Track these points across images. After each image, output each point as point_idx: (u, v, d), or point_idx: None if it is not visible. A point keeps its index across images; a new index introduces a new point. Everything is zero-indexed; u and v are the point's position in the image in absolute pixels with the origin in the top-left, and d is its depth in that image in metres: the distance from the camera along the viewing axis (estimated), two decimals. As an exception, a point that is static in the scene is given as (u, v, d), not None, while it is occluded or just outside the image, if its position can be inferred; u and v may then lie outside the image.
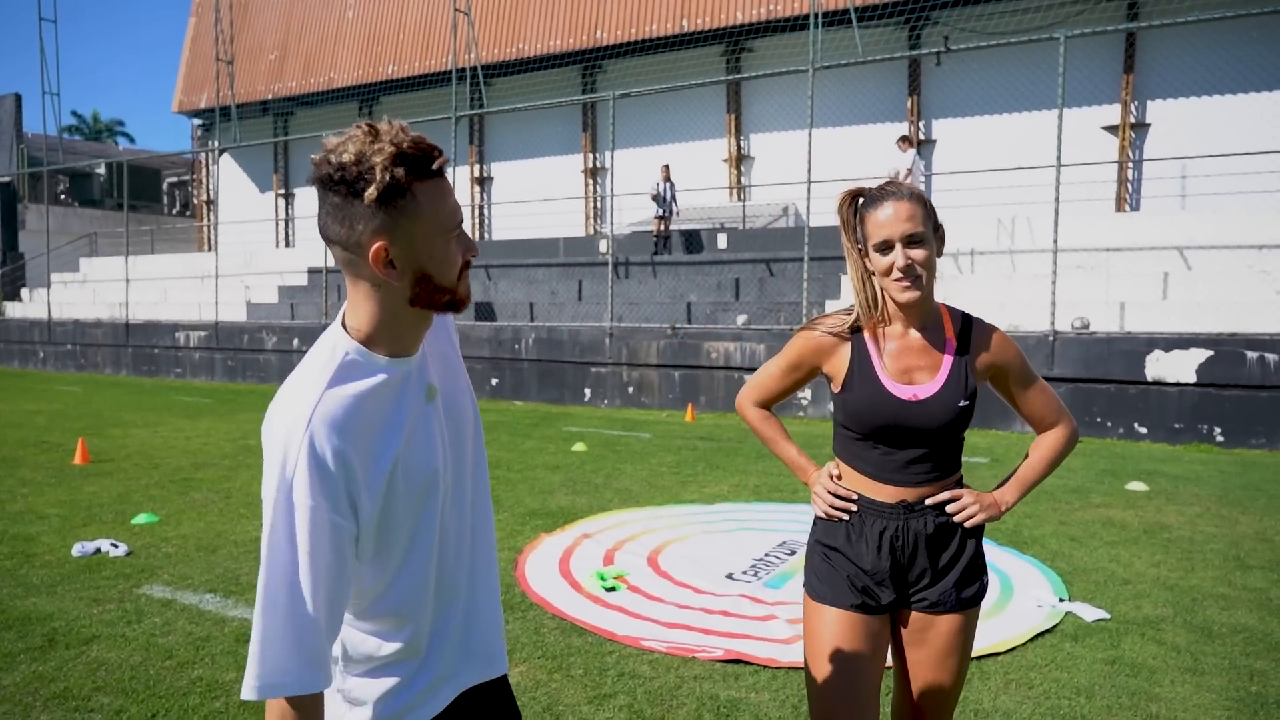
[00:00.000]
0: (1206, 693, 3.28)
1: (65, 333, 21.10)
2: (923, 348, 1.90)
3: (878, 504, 1.93)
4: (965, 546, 1.95)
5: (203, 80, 24.09)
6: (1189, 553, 5.18)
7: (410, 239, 1.24)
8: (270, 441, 1.23)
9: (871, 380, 1.90)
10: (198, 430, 10.28)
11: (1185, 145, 13.71)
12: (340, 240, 1.25)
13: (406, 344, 1.32)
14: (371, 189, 1.19)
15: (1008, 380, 1.96)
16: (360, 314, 1.30)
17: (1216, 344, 9.53)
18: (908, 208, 1.82)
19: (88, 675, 3.38)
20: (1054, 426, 2.01)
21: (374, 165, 1.19)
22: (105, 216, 28.44)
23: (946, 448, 1.93)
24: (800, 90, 14.17)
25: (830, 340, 1.96)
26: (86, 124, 49.43)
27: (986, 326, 1.95)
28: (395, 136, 1.22)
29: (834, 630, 1.94)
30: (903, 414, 1.88)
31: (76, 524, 5.74)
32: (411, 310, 1.29)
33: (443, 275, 1.28)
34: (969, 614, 1.96)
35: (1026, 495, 2.01)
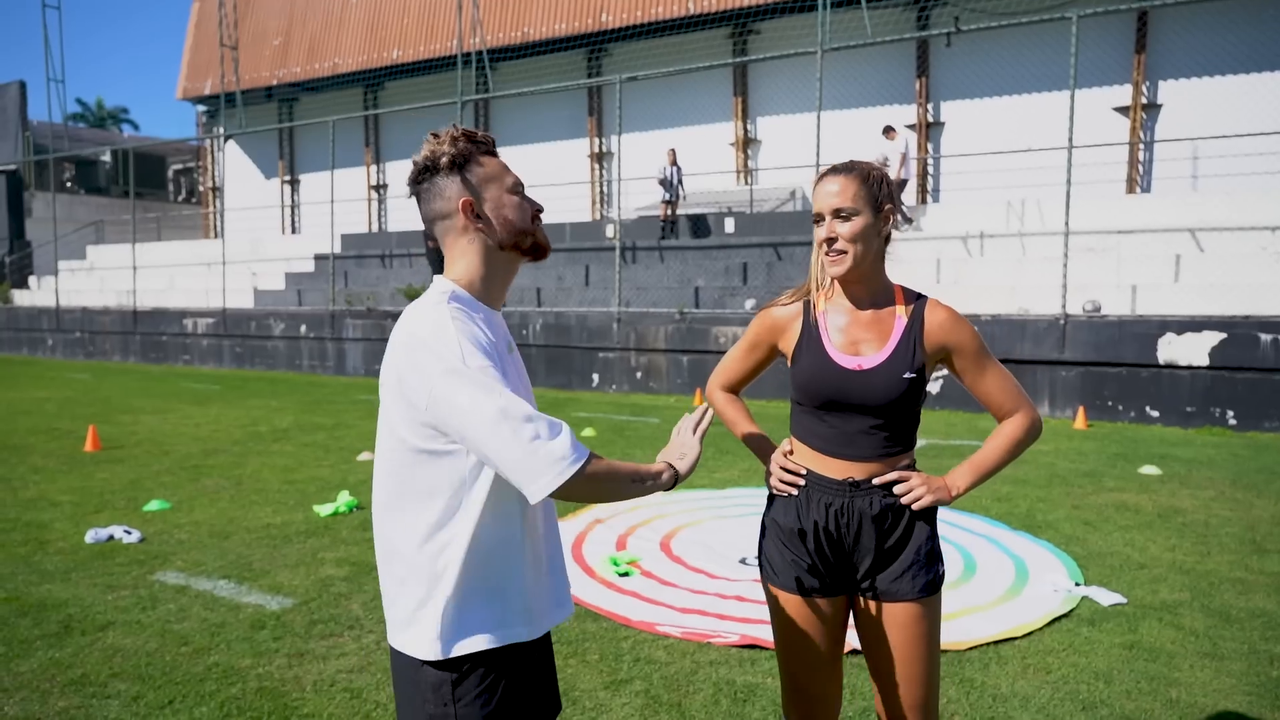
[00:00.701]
0: (1226, 677, 3.26)
1: (73, 320, 21.15)
2: (871, 320, 1.91)
3: (825, 480, 1.93)
4: (913, 530, 1.91)
5: (207, 67, 24.00)
6: (1204, 537, 5.15)
7: (487, 193, 1.59)
8: (425, 346, 1.46)
9: (817, 350, 1.92)
10: (207, 417, 10.30)
11: (1197, 126, 13.57)
12: (440, 212, 1.60)
13: (496, 295, 1.64)
14: (446, 159, 1.57)
15: (962, 361, 1.91)
16: (459, 268, 1.61)
17: (1229, 326, 9.46)
18: (840, 182, 1.86)
19: (104, 661, 3.38)
20: (1013, 414, 1.94)
21: (443, 148, 1.58)
22: (111, 204, 28.44)
23: (896, 423, 1.90)
24: (807, 73, 14.05)
25: (784, 317, 2.00)
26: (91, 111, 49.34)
27: (940, 305, 1.92)
28: (453, 131, 1.61)
29: (785, 611, 1.98)
30: (846, 383, 1.88)
31: (89, 511, 5.75)
32: (502, 255, 1.62)
33: (521, 220, 1.62)
34: (926, 603, 1.91)
35: (980, 483, 1.96)
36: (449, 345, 1.45)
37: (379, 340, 15.86)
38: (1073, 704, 3.05)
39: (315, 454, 7.87)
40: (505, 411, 1.41)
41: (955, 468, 1.97)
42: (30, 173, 27.39)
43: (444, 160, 1.57)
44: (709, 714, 2.97)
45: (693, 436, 1.66)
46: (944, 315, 1.90)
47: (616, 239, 14.00)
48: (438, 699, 1.51)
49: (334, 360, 16.56)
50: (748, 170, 17.87)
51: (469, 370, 1.43)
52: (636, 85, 16.08)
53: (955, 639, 3.56)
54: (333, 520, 5.51)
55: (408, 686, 1.55)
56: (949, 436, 8.89)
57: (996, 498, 6.08)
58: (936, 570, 1.93)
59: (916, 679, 1.91)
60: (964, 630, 3.66)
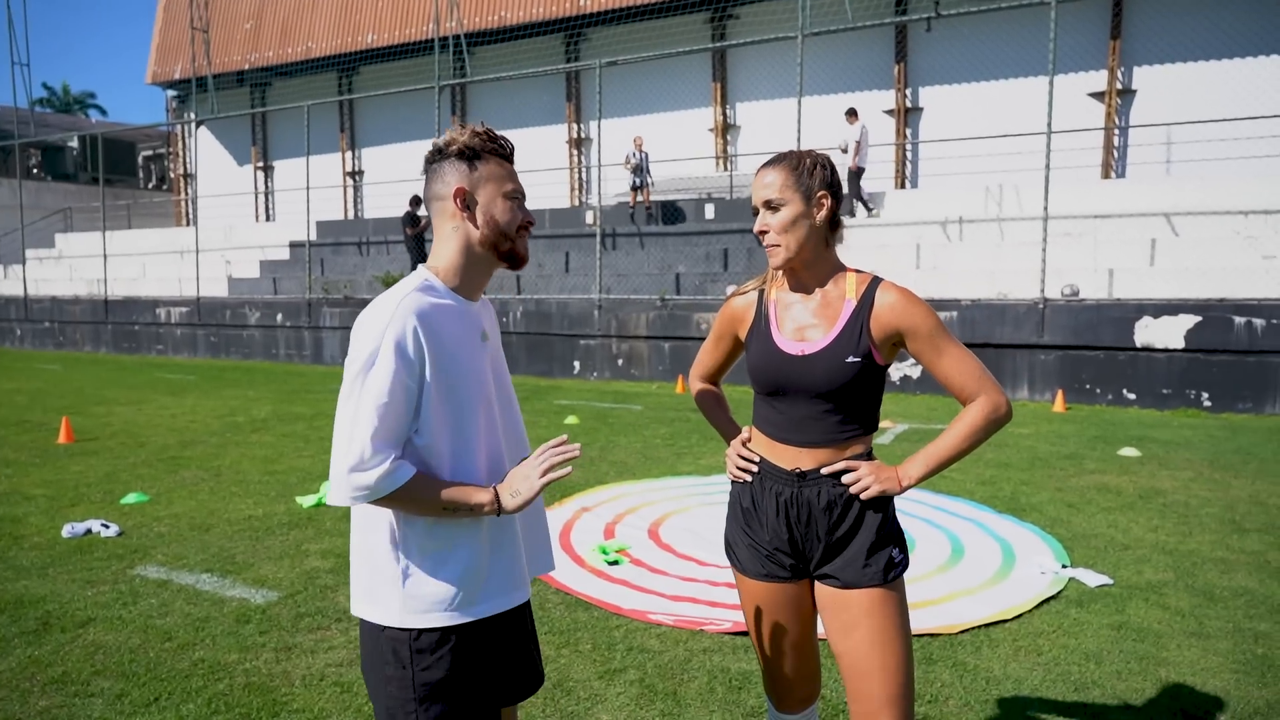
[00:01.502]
0: (1213, 656, 3.30)
1: (42, 310, 20.76)
2: (820, 307, 1.90)
3: (776, 469, 1.93)
4: (864, 520, 1.88)
5: (176, 50, 23.55)
6: (1185, 517, 5.21)
7: (482, 189, 1.68)
8: (365, 329, 1.58)
9: (765, 337, 1.94)
10: (183, 408, 10.14)
11: (1171, 111, 13.69)
12: (436, 194, 1.69)
13: (473, 287, 1.71)
14: (455, 146, 1.67)
15: (916, 344, 1.86)
16: (440, 254, 1.70)
17: (1204, 310, 9.58)
18: (769, 174, 1.88)
19: (85, 658, 3.31)
20: (975, 398, 1.87)
21: (458, 138, 1.69)
22: (80, 191, 27.90)
23: (846, 408, 1.88)
24: (785, 58, 14.01)
25: (741, 306, 2.02)
26: (57, 96, 48.33)
27: (892, 288, 1.88)
28: (476, 127, 1.70)
29: (750, 597, 2.02)
30: (789, 369, 1.88)
31: (65, 504, 5.64)
32: (480, 252, 1.69)
33: (506, 225, 1.69)
34: (882, 590, 1.87)
35: (936, 472, 1.91)
36: (381, 333, 1.56)
37: (357, 329, 15.69)
38: (1065, 685, 3.07)
39: (295, 444, 7.77)
40: (354, 421, 1.55)
41: (909, 456, 1.94)
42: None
43: (454, 147, 1.66)
44: (704, 702, 2.96)
45: (537, 477, 1.61)
46: (894, 297, 1.85)
47: (597, 225, 13.93)
48: (396, 661, 1.60)
49: (311, 349, 16.37)
50: (727, 156, 17.82)
51: (365, 372, 1.55)
52: (615, 70, 15.95)
53: (946, 622, 3.58)
54: (315, 511, 5.44)
55: (370, 649, 1.65)
56: (929, 420, 8.94)
57: (980, 481, 6.12)
58: (890, 556, 1.89)
59: (880, 670, 1.84)
60: (954, 613, 3.68)
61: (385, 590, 1.60)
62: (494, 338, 1.79)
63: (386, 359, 1.54)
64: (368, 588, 1.63)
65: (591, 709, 2.92)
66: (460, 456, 1.63)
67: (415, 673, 1.58)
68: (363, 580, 1.65)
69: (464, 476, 1.63)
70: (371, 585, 1.62)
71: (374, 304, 1.62)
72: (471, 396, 1.63)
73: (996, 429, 1.88)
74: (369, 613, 1.63)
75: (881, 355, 1.88)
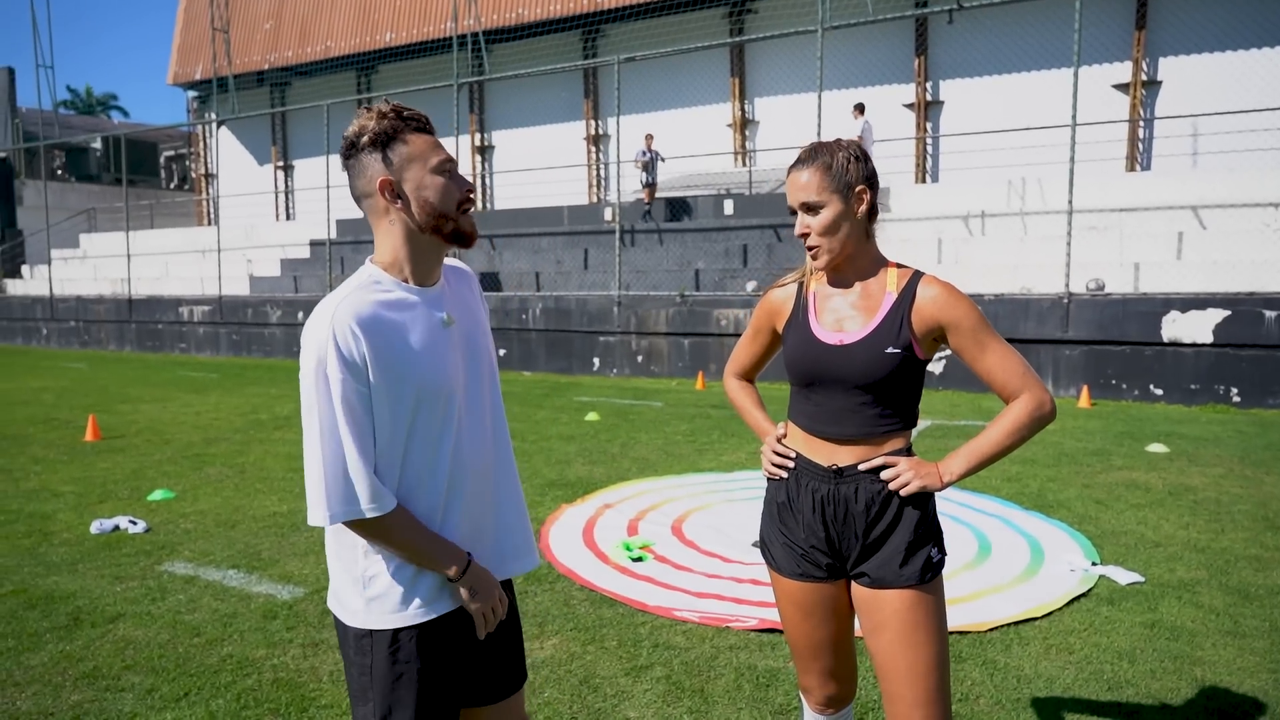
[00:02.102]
0: (1250, 655, 3.24)
1: (68, 309, 21.01)
2: (860, 298, 1.88)
3: (812, 465, 1.90)
4: (902, 518, 1.84)
5: (197, 51, 23.75)
6: (1217, 514, 5.13)
7: (408, 173, 1.56)
8: (307, 337, 1.53)
9: (803, 327, 1.91)
10: (206, 405, 10.23)
11: (1197, 102, 13.49)
12: (362, 191, 1.60)
13: (424, 272, 1.62)
14: (366, 137, 1.55)
15: (958, 339, 1.82)
16: (384, 248, 1.61)
17: (1233, 304, 9.43)
18: (805, 175, 1.84)
19: (116, 654, 3.34)
20: (1018, 395, 1.82)
21: (368, 125, 1.56)
22: (103, 191, 28.19)
23: (884, 401, 1.84)
24: (803, 52, 13.93)
25: (779, 299, 2.00)
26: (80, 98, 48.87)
27: (935, 281, 1.84)
28: (381, 106, 1.58)
29: (785, 597, 1.99)
30: (827, 359, 1.85)
31: (92, 501, 5.69)
32: (424, 237, 1.59)
33: (443, 203, 1.58)
34: (922, 591, 1.83)
35: (977, 469, 1.86)
36: (322, 341, 1.50)
37: (377, 326, 15.76)
38: (1098, 684, 3.03)
39: (318, 441, 7.81)
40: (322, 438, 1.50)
41: (952, 452, 1.90)
42: (20, 160, 27.14)
43: (365, 138, 1.55)
44: (732, 699, 2.94)
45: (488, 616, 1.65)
46: (936, 291, 1.82)
47: (616, 222, 13.91)
48: (359, 652, 1.63)
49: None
50: (746, 152, 17.75)
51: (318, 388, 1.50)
52: (633, 66, 15.93)
53: (975, 620, 3.54)
54: (340, 508, 5.46)
55: (341, 637, 1.69)
56: (953, 417, 8.87)
57: (1006, 478, 6.06)
58: (929, 555, 1.85)
59: (916, 672, 1.80)
60: (983, 611, 3.64)
61: (349, 592, 1.63)
62: (465, 317, 1.68)
63: (335, 370, 1.49)
64: (335, 586, 1.67)
65: (619, 705, 2.90)
66: (418, 454, 1.58)
67: (374, 664, 1.62)
68: (334, 577, 1.68)
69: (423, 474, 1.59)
70: (339, 585, 1.66)
71: (315, 311, 1.56)
72: (428, 390, 1.56)
73: (1041, 427, 1.83)
74: (337, 610, 1.67)
75: (922, 349, 1.84)
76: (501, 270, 15.80)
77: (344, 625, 1.66)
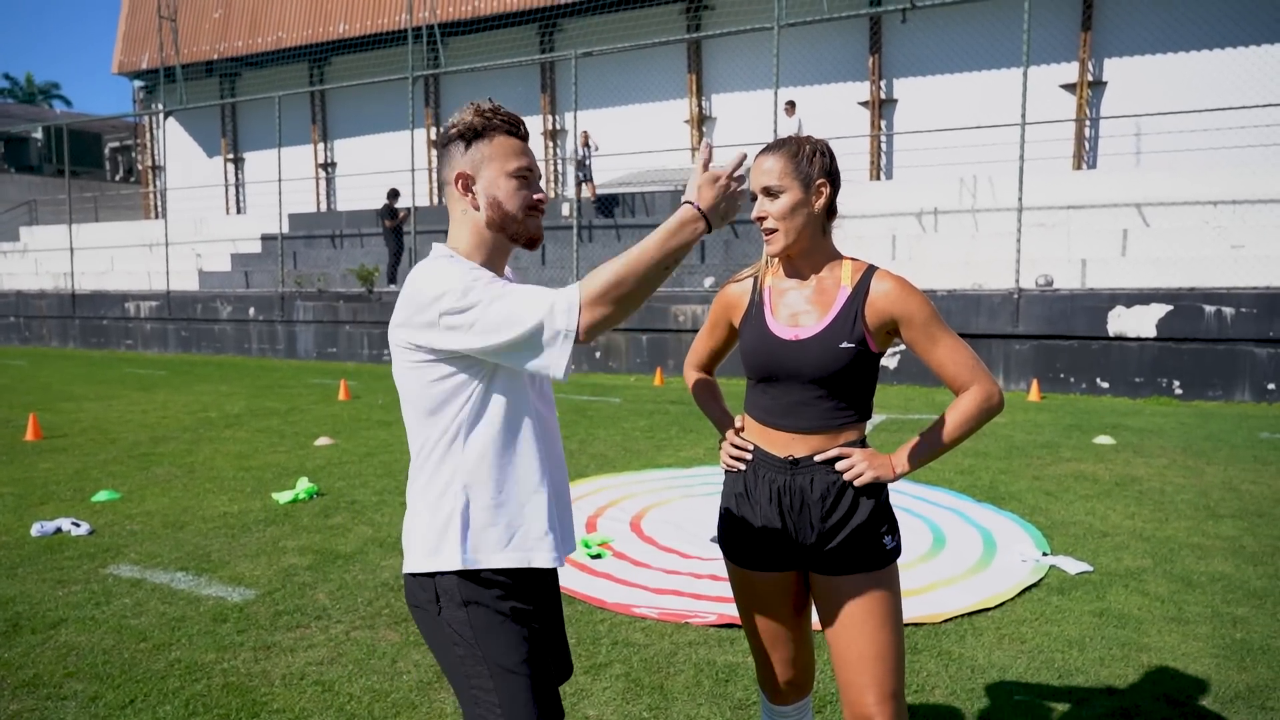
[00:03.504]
0: (1193, 641, 3.33)
1: (7, 304, 20.34)
2: (815, 293, 1.91)
3: (769, 457, 1.93)
4: (857, 507, 1.88)
5: (144, 40, 23.11)
6: (1161, 504, 5.27)
7: (484, 170, 1.65)
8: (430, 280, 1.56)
9: (759, 322, 1.93)
10: (154, 403, 9.97)
11: (1141, 103, 13.83)
12: (443, 178, 1.69)
13: (494, 268, 1.68)
14: (458, 128, 1.65)
15: (910, 332, 1.86)
16: (456, 237, 1.69)
17: (1175, 299, 9.70)
18: (769, 160, 1.86)
19: (58, 661, 3.23)
20: (968, 387, 1.87)
21: (464, 118, 1.65)
22: (45, 183, 27.34)
23: (839, 395, 1.88)
24: (759, 49, 14.00)
25: (735, 294, 2.02)
26: (20, 87, 47.31)
27: (888, 275, 1.88)
28: (482, 104, 1.67)
29: (742, 588, 2.02)
30: (782, 353, 1.88)
31: (33, 503, 5.52)
32: (493, 236, 1.67)
33: (512, 205, 1.65)
34: (873, 577, 1.87)
35: (929, 460, 1.91)
36: (461, 273, 1.55)
37: (331, 322, 15.51)
38: (1049, 672, 3.09)
39: (270, 440, 7.67)
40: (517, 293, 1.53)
41: (903, 444, 1.94)
42: (-45, 151, 26.20)
43: (456, 129, 1.65)
44: (691, 695, 2.94)
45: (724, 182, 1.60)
46: (889, 285, 1.85)
47: (573, 217, 13.85)
48: (458, 599, 1.59)
49: (285, 343, 16.17)
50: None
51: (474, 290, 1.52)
52: (590, 62, 15.87)
53: (929, 611, 3.59)
54: (292, 508, 5.36)
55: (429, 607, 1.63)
56: (907, 411, 8.99)
57: (959, 470, 6.16)
58: (883, 542, 1.89)
59: (869, 657, 1.83)
60: (938, 602, 3.69)
61: (442, 538, 1.61)
62: None
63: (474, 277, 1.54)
64: (424, 541, 1.63)
65: (578, 704, 2.89)
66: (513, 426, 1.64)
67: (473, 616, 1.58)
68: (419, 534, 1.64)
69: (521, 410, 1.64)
70: (427, 537, 1.62)
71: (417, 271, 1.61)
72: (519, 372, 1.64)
73: (989, 418, 1.89)
74: (427, 564, 1.61)
75: (876, 342, 1.87)
76: (458, 265, 15.64)
77: (435, 582, 1.60)
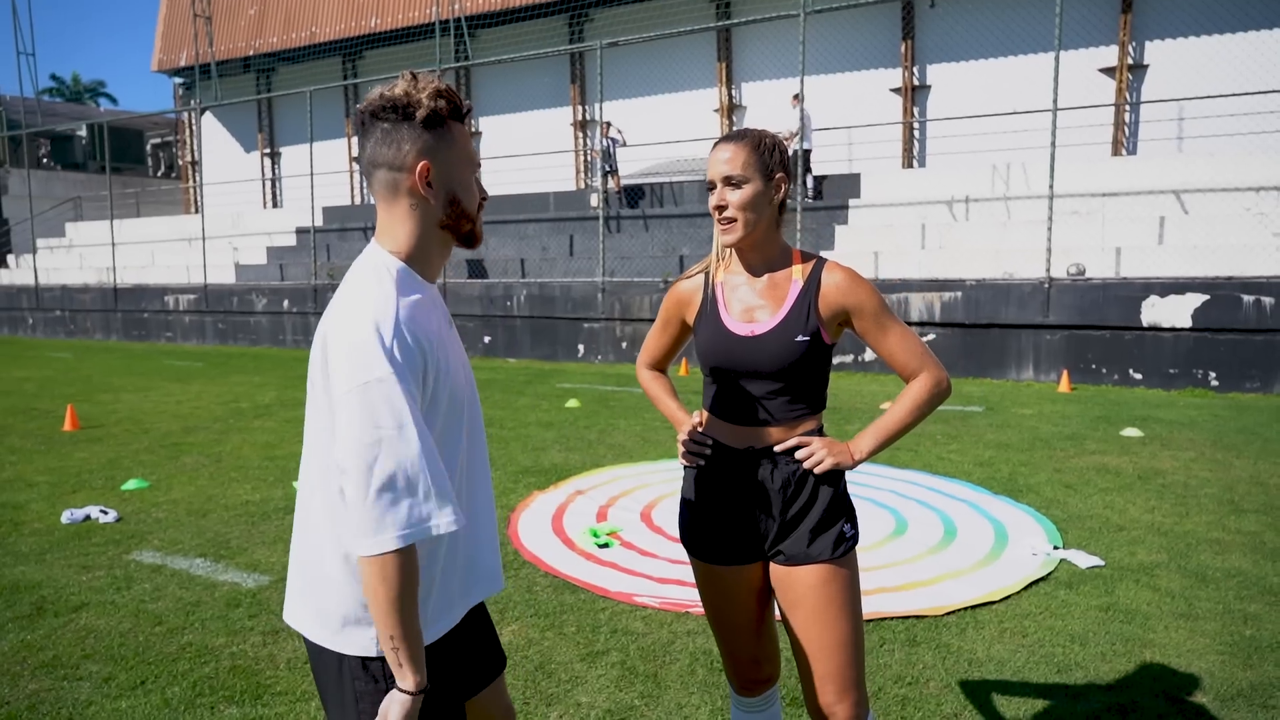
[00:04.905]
0: (1200, 637, 3.27)
1: (53, 298, 20.90)
2: (767, 288, 1.91)
3: (729, 450, 1.93)
4: (817, 497, 1.89)
5: (182, 38, 23.54)
6: (1183, 498, 5.17)
7: (446, 164, 1.47)
8: (353, 338, 1.35)
9: (713, 319, 1.93)
10: (188, 394, 10.21)
11: (1183, 86, 13.47)
12: (387, 161, 1.44)
13: (433, 270, 1.53)
14: (421, 111, 1.43)
15: (862, 323, 1.87)
16: (398, 235, 1.48)
17: (1212, 288, 9.47)
18: (730, 150, 1.85)
19: (76, 643, 3.35)
20: (917, 374, 1.89)
21: (421, 97, 1.43)
22: (89, 180, 27.99)
23: (795, 387, 1.89)
24: (790, 37, 13.87)
25: (687, 290, 2.01)
26: (66, 86, 48.48)
27: (838, 267, 1.90)
28: (437, 83, 1.47)
29: (705, 580, 2.02)
30: (739, 350, 1.88)
31: (66, 491, 5.69)
32: (440, 233, 1.50)
33: (468, 202, 1.51)
34: (835, 565, 1.87)
35: (885, 445, 1.92)
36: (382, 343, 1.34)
37: (363, 314, 15.71)
38: (1047, 667, 3.06)
39: (297, 429, 7.81)
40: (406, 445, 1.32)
41: (860, 432, 1.95)
42: (4, 149, 26.93)
43: (420, 113, 1.43)
44: (684, 684, 2.96)
45: None
46: (840, 276, 1.87)
47: (600, 208, 13.88)
48: (368, 677, 1.47)
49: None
50: (732, 137, 17.67)
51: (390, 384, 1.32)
52: (619, 51, 15.84)
53: (933, 604, 3.57)
54: (312, 496, 5.47)
55: (330, 670, 1.51)
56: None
57: (978, 462, 6.09)
58: (841, 531, 1.89)
59: (830, 646, 1.84)
60: (942, 595, 3.67)
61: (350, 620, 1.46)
62: (452, 322, 1.64)
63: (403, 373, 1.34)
64: (323, 613, 1.48)
65: (571, 691, 2.93)
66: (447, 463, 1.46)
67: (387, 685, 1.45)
68: (317, 604, 1.49)
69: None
70: (330, 612, 1.47)
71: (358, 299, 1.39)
72: (456, 395, 1.49)
73: (939, 403, 1.91)
74: (334, 642, 1.48)
75: (829, 334, 1.89)
76: (486, 257, 15.76)
77: (347, 658, 1.47)
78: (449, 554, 1.51)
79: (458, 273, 15.56)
